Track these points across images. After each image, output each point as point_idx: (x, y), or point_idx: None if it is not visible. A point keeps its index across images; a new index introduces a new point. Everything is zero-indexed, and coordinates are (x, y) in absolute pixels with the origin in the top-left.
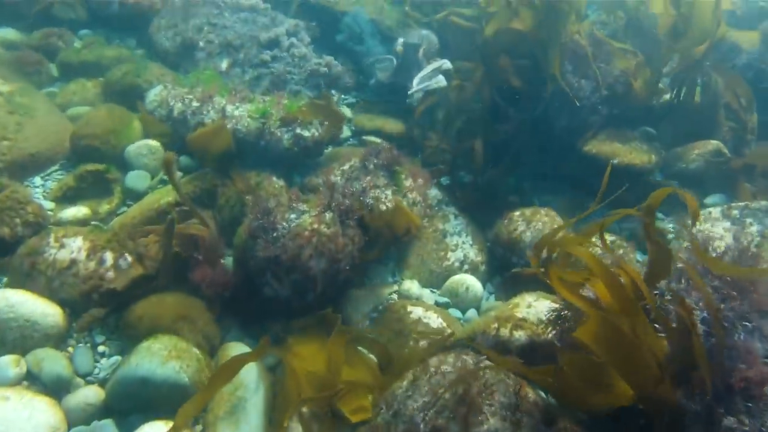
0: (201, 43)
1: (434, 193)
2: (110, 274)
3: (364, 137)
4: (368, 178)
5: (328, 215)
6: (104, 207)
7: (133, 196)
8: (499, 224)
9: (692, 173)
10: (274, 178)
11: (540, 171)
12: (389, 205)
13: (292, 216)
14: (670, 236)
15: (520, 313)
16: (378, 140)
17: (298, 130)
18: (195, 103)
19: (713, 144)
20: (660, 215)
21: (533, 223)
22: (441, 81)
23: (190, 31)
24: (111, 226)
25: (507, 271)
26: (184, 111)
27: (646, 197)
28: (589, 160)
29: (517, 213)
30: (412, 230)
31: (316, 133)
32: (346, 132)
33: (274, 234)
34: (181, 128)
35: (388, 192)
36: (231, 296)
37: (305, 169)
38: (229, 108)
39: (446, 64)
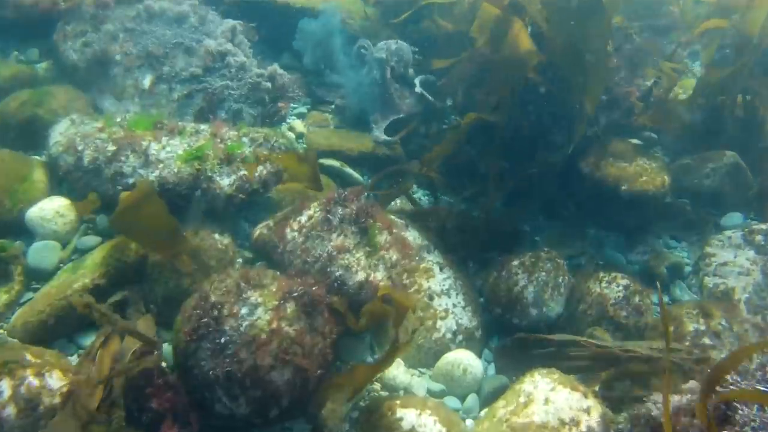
0: (117, 56)
1: (413, 235)
2: (9, 411)
3: (320, 160)
4: (334, 237)
5: (289, 308)
6: (1, 298)
7: (39, 276)
8: (494, 277)
9: (706, 190)
10: (217, 235)
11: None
12: (361, 275)
13: (244, 311)
14: (687, 268)
15: (537, 413)
16: (337, 164)
17: (243, 171)
18: (110, 147)
19: (729, 156)
20: (672, 242)
21: (535, 273)
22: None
23: (103, 39)
24: (12, 325)
25: (506, 332)
26: (96, 158)
27: (654, 218)
28: (592, 183)
29: (515, 262)
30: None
31: (265, 172)
32: None
33: (222, 339)
34: (94, 181)
35: (360, 256)
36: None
37: (255, 210)
38: (154, 149)
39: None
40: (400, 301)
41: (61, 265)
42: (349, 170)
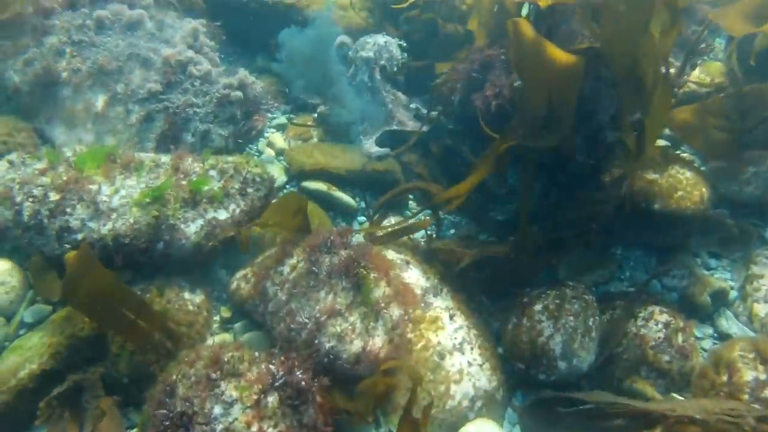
0: (64, 74)
1: (416, 274)
2: None
3: (304, 184)
4: (322, 295)
5: (271, 402)
6: None
7: None
8: (514, 325)
9: (748, 198)
10: (187, 293)
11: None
12: (357, 345)
13: (217, 411)
14: (732, 293)
15: None
16: (324, 187)
17: (211, 213)
18: (53, 196)
19: None
20: (711, 261)
21: (562, 319)
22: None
23: (47, 55)
24: None
25: (531, 388)
26: (37, 212)
27: (692, 233)
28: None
29: (538, 307)
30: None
31: (238, 210)
32: (280, 176)
33: None
34: (38, 239)
35: (355, 319)
36: None
37: (232, 251)
38: (106, 194)
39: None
40: (410, 375)
41: (7, 343)
42: (338, 194)
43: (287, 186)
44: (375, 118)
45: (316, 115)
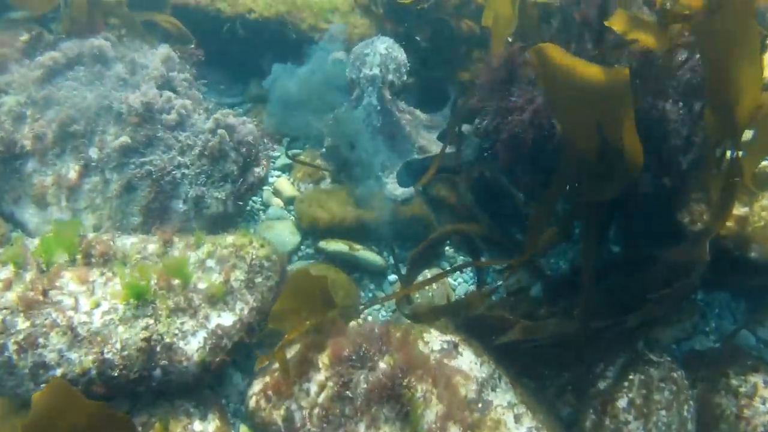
0: (27, 143)
1: (468, 360)
2: None
3: (321, 245)
4: (362, 429)
5: None
6: None
7: None
8: (594, 426)
9: None
10: (197, 424)
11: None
12: None
13: None
14: None
15: None
16: (345, 247)
17: (214, 320)
18: (21, 323)
19: None
20: None
21: (653, 417)
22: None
23: (5, 121)
24: None
25: None
26: (4, 347)
27: None
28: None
29: (622, 403)
30: None
31: (246, 310)
32: (293, 235)
33: None
34: (9, 380)
35: None
36: None
37: (245, 350)
38: (84, 309)
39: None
40: None
41: None
42: (362, 254)
43: (302, 247)
44: (392, 147)
45: (323, 150)
